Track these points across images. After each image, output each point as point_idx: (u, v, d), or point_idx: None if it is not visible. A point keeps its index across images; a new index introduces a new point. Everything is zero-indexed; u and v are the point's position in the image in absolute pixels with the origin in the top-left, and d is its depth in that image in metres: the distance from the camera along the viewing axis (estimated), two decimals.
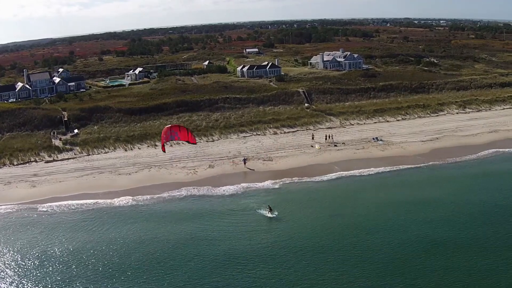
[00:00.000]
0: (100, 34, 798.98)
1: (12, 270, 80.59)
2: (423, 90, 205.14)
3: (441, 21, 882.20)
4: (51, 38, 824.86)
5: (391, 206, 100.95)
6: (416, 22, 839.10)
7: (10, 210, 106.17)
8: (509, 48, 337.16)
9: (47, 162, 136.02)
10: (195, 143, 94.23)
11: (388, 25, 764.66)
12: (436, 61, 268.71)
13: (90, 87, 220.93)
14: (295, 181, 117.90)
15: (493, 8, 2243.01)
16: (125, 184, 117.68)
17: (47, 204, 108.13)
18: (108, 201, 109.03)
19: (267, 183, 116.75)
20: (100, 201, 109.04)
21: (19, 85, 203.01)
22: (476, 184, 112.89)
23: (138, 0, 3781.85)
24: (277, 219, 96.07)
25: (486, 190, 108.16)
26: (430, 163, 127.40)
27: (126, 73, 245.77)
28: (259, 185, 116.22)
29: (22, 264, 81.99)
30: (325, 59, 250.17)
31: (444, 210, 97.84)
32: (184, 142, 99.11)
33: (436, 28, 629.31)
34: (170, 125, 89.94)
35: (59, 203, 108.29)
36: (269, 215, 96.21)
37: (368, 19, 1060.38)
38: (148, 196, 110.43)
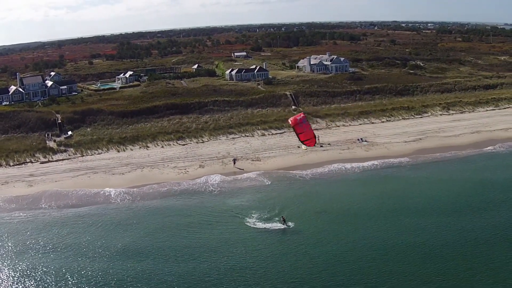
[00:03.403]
0: (89, 37, 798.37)
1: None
2: (407, 92, 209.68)
3: (429, 24, 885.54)
4: (40, 42, 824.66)
5: (371, 203, 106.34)
6: (403, 25, 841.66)
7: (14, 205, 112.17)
8: (495, 51, 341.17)
9: (43, 163, 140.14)
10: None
11: (376, 28, 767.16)
12: (422, 64, 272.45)
13: (81, 90, 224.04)
14: (282, 175, 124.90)
15: (481, 11, 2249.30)
16: (119, 183, 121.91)
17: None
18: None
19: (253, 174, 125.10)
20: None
21: (12, 88, 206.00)
22: (455, 180, 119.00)
23: (125, 3, 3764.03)
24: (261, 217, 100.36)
25: (465, 185, 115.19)
26: (413, 161, 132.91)
27: (117, 76, 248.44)
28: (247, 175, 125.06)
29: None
30: (312, 63, 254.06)
31: (426, 204, 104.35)
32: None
33: (424, 31, 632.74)
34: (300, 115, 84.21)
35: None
36: (283, 226, 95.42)
37: (355, 22, 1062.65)
38: (141, 193, 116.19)
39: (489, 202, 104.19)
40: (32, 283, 78.45)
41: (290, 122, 77.01)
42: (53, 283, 78.39)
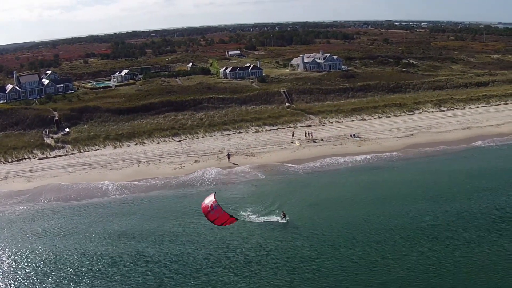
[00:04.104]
0: (83, 37, 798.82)
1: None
2: (400, 90, 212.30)
3: (422, 23, 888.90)
4: (34, 42, 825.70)
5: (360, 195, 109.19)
6: (397, 24, 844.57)
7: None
8: (488, 49, 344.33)
9: (41, 159, 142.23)
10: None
11: (370, 27, 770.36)
12: (414, 62, 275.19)
13: (78, 88, 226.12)
14: (277, 169, 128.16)
15: (475, 10, 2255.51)
16: (116, 178, 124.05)
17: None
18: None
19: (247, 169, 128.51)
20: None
21: (9, 86, 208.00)
22: (444, 171, 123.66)
23: (119, 4, 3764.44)
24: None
25: (452, 175, 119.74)
26: (403, 155, 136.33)
27: (112, 75, 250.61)
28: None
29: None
30: (305, 61, 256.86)
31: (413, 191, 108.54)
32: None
33: (417, 30, 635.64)
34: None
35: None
36: (283, 220, 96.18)
37: (349, 21, 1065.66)
38: (138, 187, 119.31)
39: (474, 190, 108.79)
40: (38, 267, 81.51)
41: (202, 210, 73.56)
42: (59, 267, 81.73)
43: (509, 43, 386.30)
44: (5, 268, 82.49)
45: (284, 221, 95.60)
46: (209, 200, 65.65)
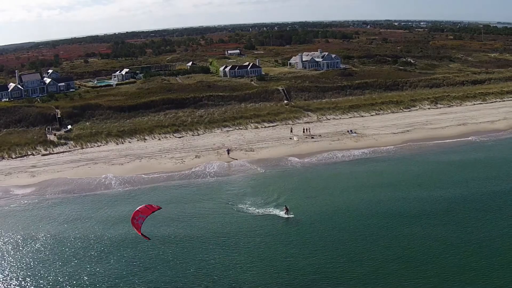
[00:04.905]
0: (83, 37, 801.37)
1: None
2: (397, 87, 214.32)
3: (422, 23, 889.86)
4: (34, 42, 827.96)
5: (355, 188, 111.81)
6: (396, 24, 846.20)
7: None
8: (486, 49, 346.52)
9: (44, 155, 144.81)
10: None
11: (368, 27, 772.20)
12: (412, 61, 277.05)
13: (79, 87, 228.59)
14: (276, 164, 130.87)
15: (475, 10, 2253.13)
16: (119, 172, 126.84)
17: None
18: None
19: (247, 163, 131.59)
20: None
21: (11, 85, 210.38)
22: (438, 162, 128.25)
23: (118, 3, 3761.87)
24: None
25: (446, 167, 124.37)
26: (399, 150, 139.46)
27: (113, 74, 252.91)
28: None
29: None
30: (304, 59, 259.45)
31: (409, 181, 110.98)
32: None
33: (416, 29, 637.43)
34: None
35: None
36: (286, 215, 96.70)
37: (348, 21, 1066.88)
38: (141, 180, 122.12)
39: (465, 179, 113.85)
40: (42, 256, 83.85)
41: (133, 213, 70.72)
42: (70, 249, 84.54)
43: (507, 42, 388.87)
44: (11, 257, 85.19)
45: (287, 216, 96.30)
46: (144, 209, 64.64)
